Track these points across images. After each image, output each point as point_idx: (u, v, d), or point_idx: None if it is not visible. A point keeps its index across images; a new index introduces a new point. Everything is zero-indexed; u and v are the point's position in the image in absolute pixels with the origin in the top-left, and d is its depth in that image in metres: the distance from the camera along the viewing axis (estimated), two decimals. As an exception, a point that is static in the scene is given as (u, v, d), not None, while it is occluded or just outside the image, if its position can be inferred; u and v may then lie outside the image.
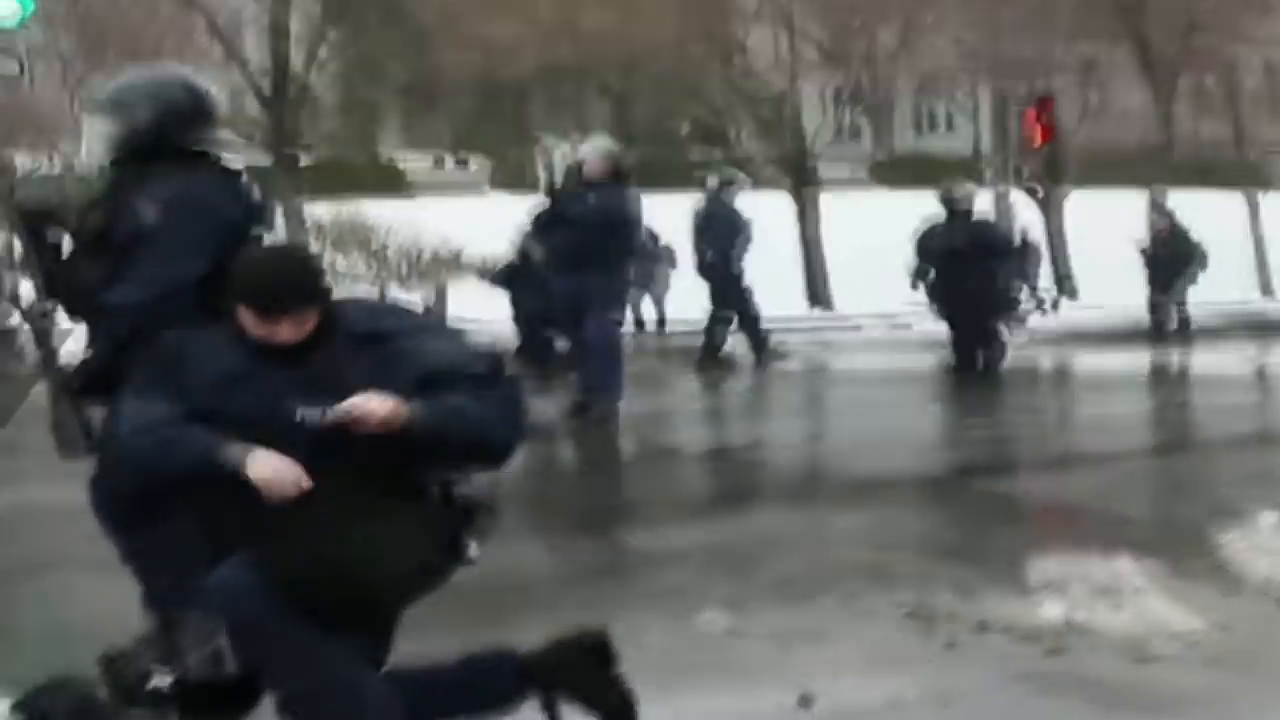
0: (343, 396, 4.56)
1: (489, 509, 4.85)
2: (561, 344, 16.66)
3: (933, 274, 19.24)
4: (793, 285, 31.66)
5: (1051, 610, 6.86)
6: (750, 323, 20.66)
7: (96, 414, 5.91)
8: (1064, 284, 33.81)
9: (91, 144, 6.24)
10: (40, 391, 6.24)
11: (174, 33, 31.35)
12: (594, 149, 14.56)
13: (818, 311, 31.35)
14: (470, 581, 7.09)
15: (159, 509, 5.86)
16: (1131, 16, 32.31)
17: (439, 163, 51.08)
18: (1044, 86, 31.28)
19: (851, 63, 35.21)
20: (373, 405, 4.52)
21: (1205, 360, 21.50)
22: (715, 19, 34.16)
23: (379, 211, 30.41)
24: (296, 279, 4.75)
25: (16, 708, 5.04)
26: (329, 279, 4.88)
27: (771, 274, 25.36)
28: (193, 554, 5.29)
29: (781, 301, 27.79)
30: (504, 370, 4.78)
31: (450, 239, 28.94)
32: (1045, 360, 21.94)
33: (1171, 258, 25.92)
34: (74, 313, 6.21)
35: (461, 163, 51.33)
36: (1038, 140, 29.49)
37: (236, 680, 5.11)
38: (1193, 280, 26.17)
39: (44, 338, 6.19)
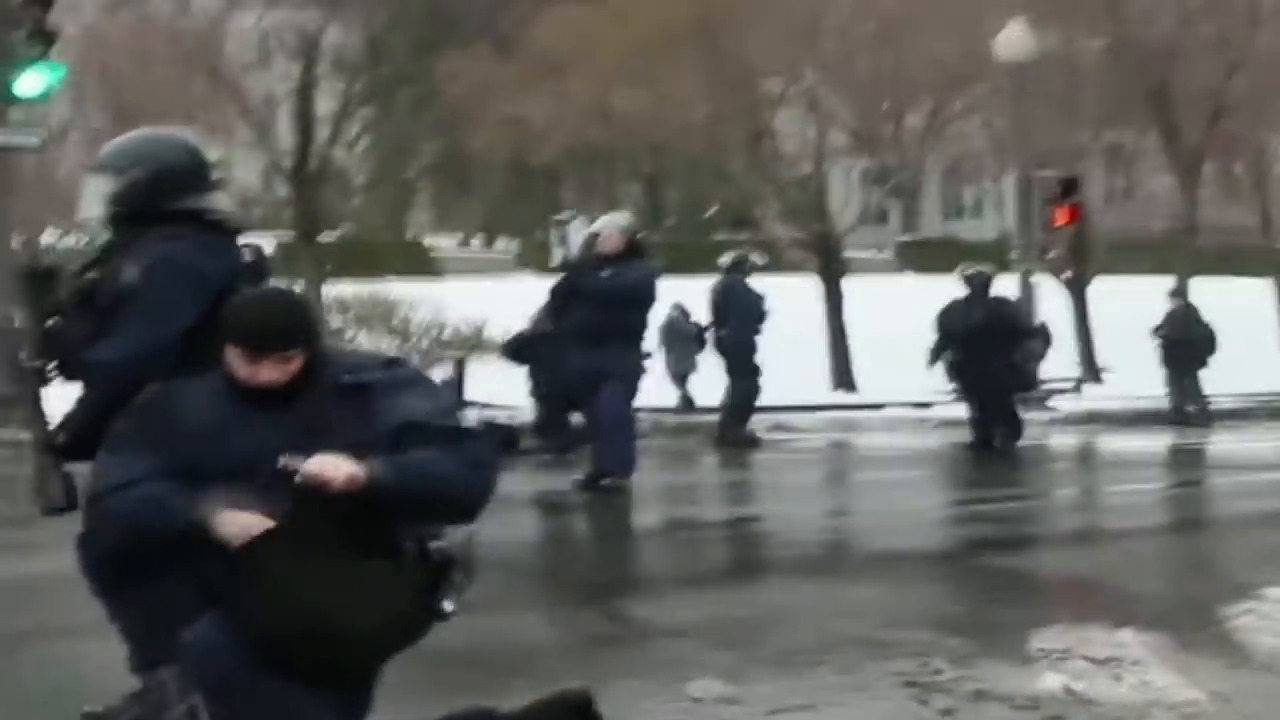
0: (327, 445, 4.56)
1: (465, 565, 4.81)
2: (578, 419, 16.64)
3: (951, 353, 19.29)
4: (818, 368, 31.66)
5: (1051, 680, 6.79)
6: (741, 403, 20.78)
7: (81, 473, 5.92)
8: (1090, 369, 33.75)
9: (90, 203, 6.26)
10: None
11: (205, 109, 31.51)
12: (609, 223, 14.59)
13: (841, 394, 31.28)
14: (466, 648, 7.11)
15: (145, 570, 5.84)
16: (1159, 103, 32.28)
17: (466, 243, 51.36)
18: (1071, 171, 31.26)
19: (880, 145, 35.26)
20: (328, 470, 4.51)
21: (1223, 443, 21.42)
22: (744, 102, 34.27)
23: (404, 290, 30.47)
24: (283, 318, 4.79)
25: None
26: (317, 328, 4.90)
27: (797, 357, 25.45)
28: (178, 615, 5.27)
29: (806, 384, 27.88)
30: (476, 430, 4.78)
31: (473, 317, 28.96)
32: (1064, 440, 21.86)
33: (1184, 340, 25.97)
34: (66, 372, 6.22)
35: (489, 244, 51.62)
36: (1063, 219, 29.41)
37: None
38: (1202, 364, 26.17)
39: (31, 396, 6.19)
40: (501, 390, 22.91)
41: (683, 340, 25.86)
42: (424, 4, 44.02)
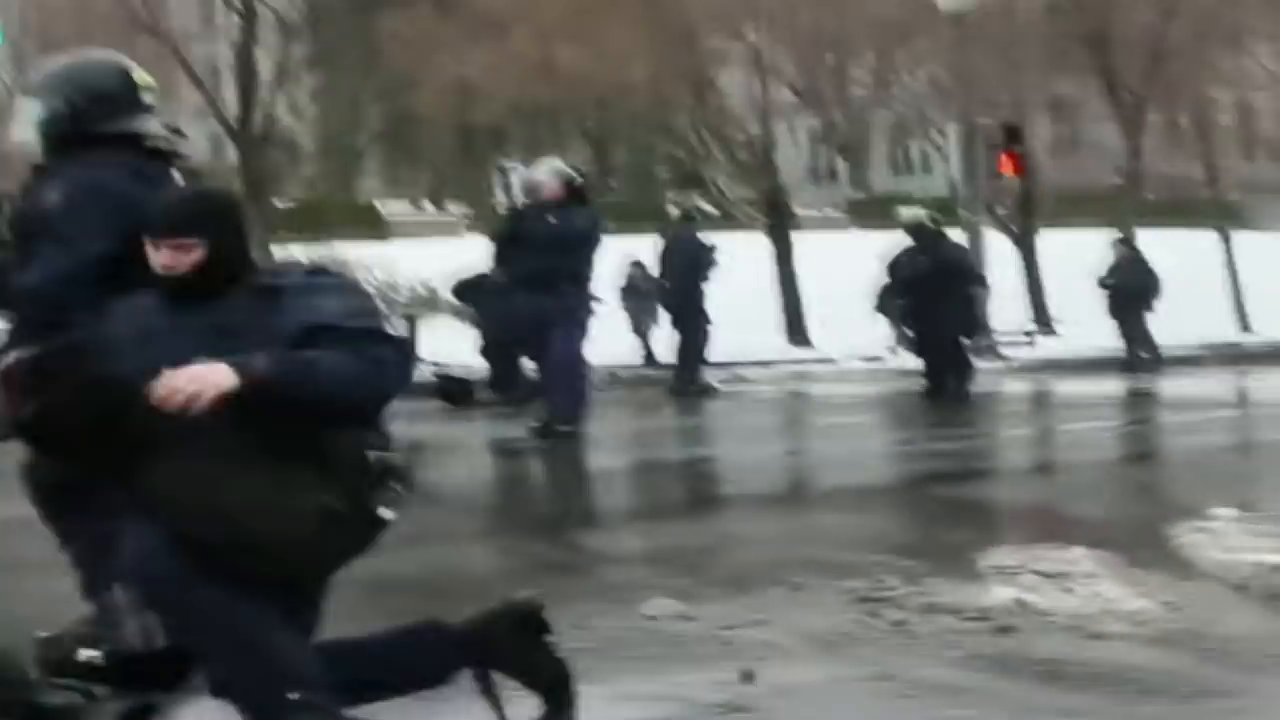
0: (236, 347, 4.53)
1: (404, 474, 4.78)
2: (531, 371, 16.63)
3: (903, 301, 19.38)
4: (771, 325, 31.73)
5: (1001, 593, 6.83)
6: (690, 351, 20.89)
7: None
8: (1042, 321, 33.90)
9: (22, 127, 6.21)
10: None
11: (150, 73, 31.24)
12: (546, 170, 14.56)
13: (795, 349, 31.34)
14: (419, 577, 7.13)
15: (90, 495, 5.82)
16: (1098, 49, 32.35)
17: (417, 206, 51.22)
18: (1015, 121, 31.35)
19: (826, 103, 35.27)
20: (180, 384, 4.48)
21: (1173, 385, 21.57)
22: (686, 59, 34.23)
23: (355, 251, 30.38)
24: (180, 205, 4.86)
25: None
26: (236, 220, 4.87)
27: (750, 314, 25.52)
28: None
29: (760, 340, 27.95)
30: (391, 330, 4.71)
31: (425, 276, 28.92)
32: (1017, 386, 22.00)
33: (1132, 287, 26.17)
34: (2, 302, 6.18)
35: (439, 207, 51.45)
36: (1009, 171, 29.49)
37: (167, 653, 5.06)
38: (1149, 308, 26.40)
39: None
40: (455, 349, 22.90)
41: (642, 296, 26.03)
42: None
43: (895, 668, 5.87)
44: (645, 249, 23.87)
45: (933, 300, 18.89)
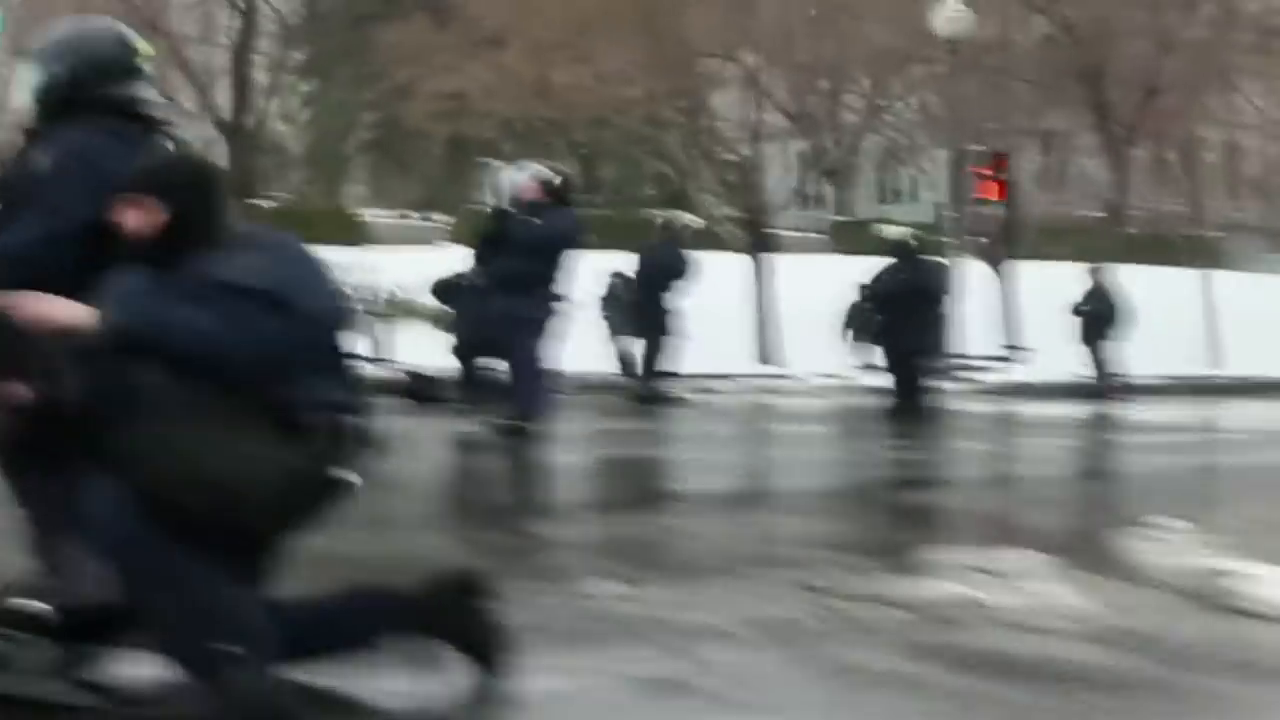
0: None
1: (367, 435, 4.78)
2: (500, 372, 16.63)
3: (878, 316, 19.55)
4: (744, 344, 31.78)
5: (948, 589, 6.83)
6: (651, 360, 20.96)
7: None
8: (1016, 349, 33.95)
9: (21, 94, 6.23)
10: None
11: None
12: (527, 172, 14.59)
13: (764, 366, 31.37)
14: (371, 559, 7.12)
15: (49, 453, 5.82)
16: (1092, 83, 32.47)
17: (402, 216, 51.17)
18: (1003, 149, 31.49)
19: (817, 127, 35.36)
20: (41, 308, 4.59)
21: (1137, 411, 21.70)
22: (682, 80, 34.32)
23: (336, 255, 30.33)
24: (152, 166, 4.93)
25: None
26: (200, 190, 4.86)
27: (724, 332, 25.60)
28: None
29: (731, 358, 28.02)
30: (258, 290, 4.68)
31: (406, 282, 28.93)
32: (983, 406, 22.12)
33: (1102, 314, 26.45)
34: None
35: (426, 219, 51.40)
36: (992, 195, 29.58)
37: (111, 609, 5.06)
38: (1113, 336, 26.65)
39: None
40: (431, 353, 22.90)
41: (623, 307, 26.12)
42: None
43: (837, 654, 5.88)
44: (626, 265, 23.95)
45: (904, 317, 19.05)
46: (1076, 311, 27.04)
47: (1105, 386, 26.17)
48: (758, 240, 33.59)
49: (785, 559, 7.73)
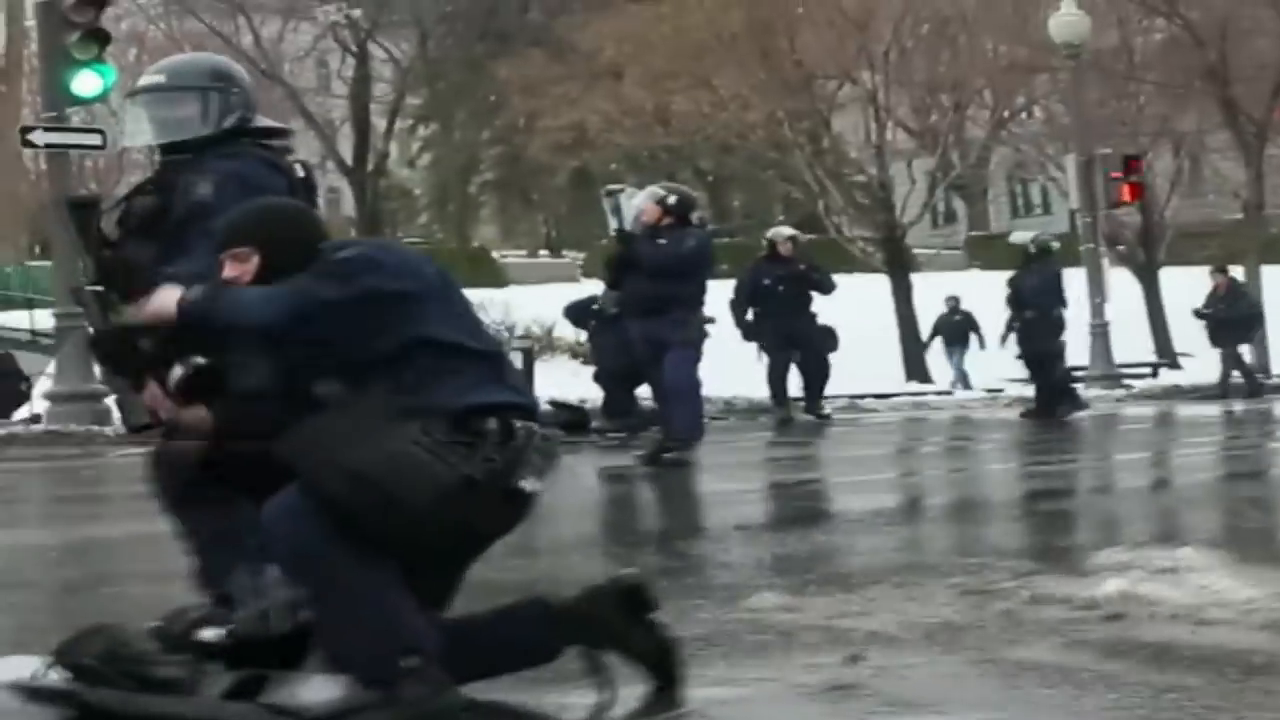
0: None
1: (547, 446, 4.81)
2: (645, 399, 16.72)
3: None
4: (891, 362, 31.81)
5: (1110, 586, 6.75)
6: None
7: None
8: (1166, 355, 33.69)
9: (137, 131, 6.34)
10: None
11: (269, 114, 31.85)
12: (644, 194, 14.66)
13: (914, 385, 31.34)
14: (525, 583, 7.14)
15: (214, 486, 5.92)
16: (1218, 81, 32.06)
17: (533, 255, 51.46)
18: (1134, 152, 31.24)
19: (942, 144, 35.22)
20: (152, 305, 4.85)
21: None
22: (802, 102, 34.32)
23: (471, 294, 30.56)
24: (239, 216, 5.04)
25: (52, 656, 5.04)
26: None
27: (868, 349, 25.56)
28: (245, 529, 5.34)
29: (879, 377, 28.00)
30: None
31: (541, 317, 29.16)
32: (1134, 409, 21.97)
33: (1229, 317, 26.29)
34: (126, 296, 6.29)
35: (556, 254, 51.65)
36: (1126, 197, 29.27)
37: (284, 636, 5.13)
38: (1248, 339, 26.48)
39: (99, 320, 6.26)
40: (570, 385, 23.03)
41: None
42: (476, 17, 44.19)
43: (1000, 652, 5.84)
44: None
45: (1026, 321, 19.30)
46: (1198, 315, 26.92)
47: (1241, 386, 25.99)
48: (894, 258, 33.52)
49: (946, 566, 7.71)
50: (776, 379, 21.24)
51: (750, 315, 20.97)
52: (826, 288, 21.09)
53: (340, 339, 4.71)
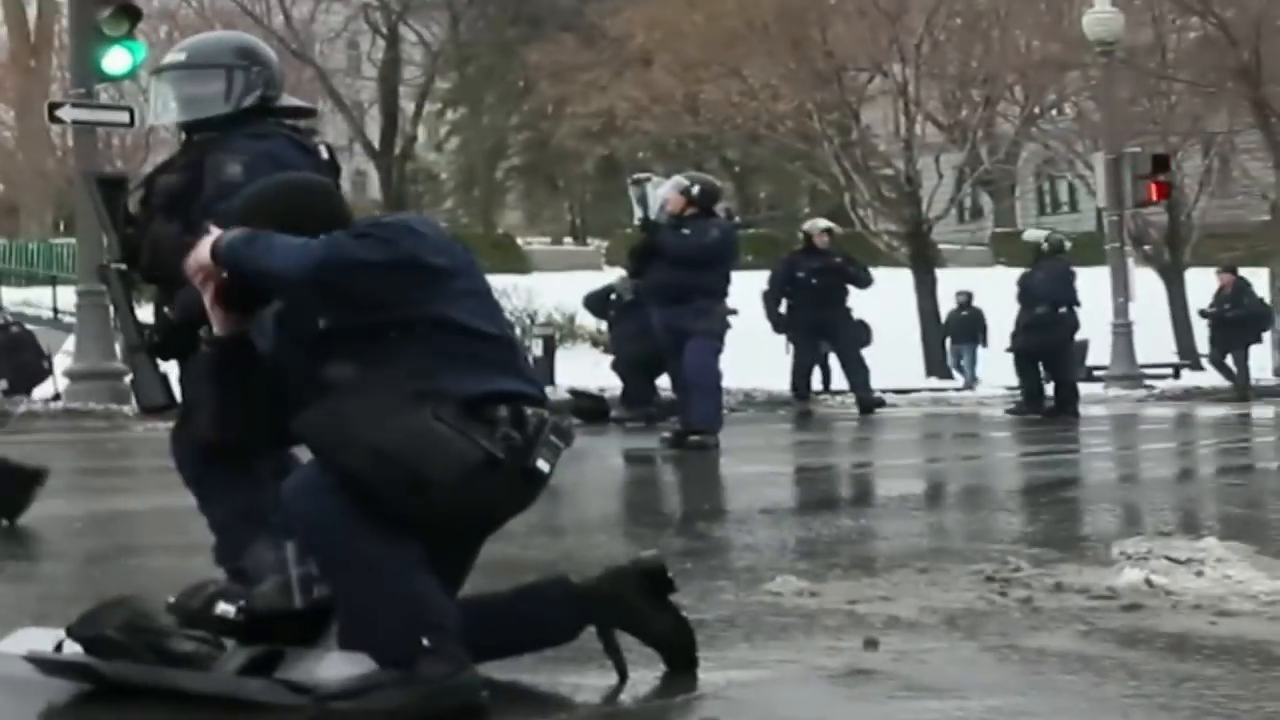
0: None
1: (560, 427, 4.81)
2: (664, 389, 16.76)
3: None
4: (913, 357, 31.77)
5: (1131, 575, 6.75)
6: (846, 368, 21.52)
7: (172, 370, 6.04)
8: (1189, 355, 33.60)
9: (165, 108, 6.35)
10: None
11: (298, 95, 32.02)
12: (670, 184, 14.67)
13: (934, 380, 31.33)
14: (547, 562, 7.16)
15: (234, 460, 5.93)
16: (1250, 81, 31.96)
17: (558, 242, 51.44)
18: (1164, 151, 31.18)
19: (972, 138, 35.17)
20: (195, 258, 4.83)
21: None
22: (831, 94, 34.31)
23: (494, 281, 30.61)
24: (259, 192, 5.04)
25: (73, 627, 5.05)
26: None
27: (890, 344, 25.53)
28: (266, 503, 5.35)
29: (901, 373, 28.00)
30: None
31: (564, 305, 29.19)
32: (1155, 409, 21.99)
33: (1234, 317, 26.34)
34: (150, 275, 6.30)
35: (581, 242, 51.63)
36: (1153, 196, 29.19)
37: (302, 612, 5.13)
38: (1255, 339, 26.54)
39: (122, 298, 6.28)
40: (591, 374, 23.07)
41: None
42: (508, 1, 44.23)
43: (1021, 639, 5.83)
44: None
45: (1035, 318, 20.06)
46: (1204, 314, 27.01)
47: (1241, 389, 26.09)
48: (919, 253, 33.48)
49: (966, 553, 7.70)
50: (800, 371, 21.21)
51: (784, 307, 20.90)
52: (863, 281, 21.03)
53: (367, 301, 4.70)
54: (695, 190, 14.45)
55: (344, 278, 4.65)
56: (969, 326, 33.31)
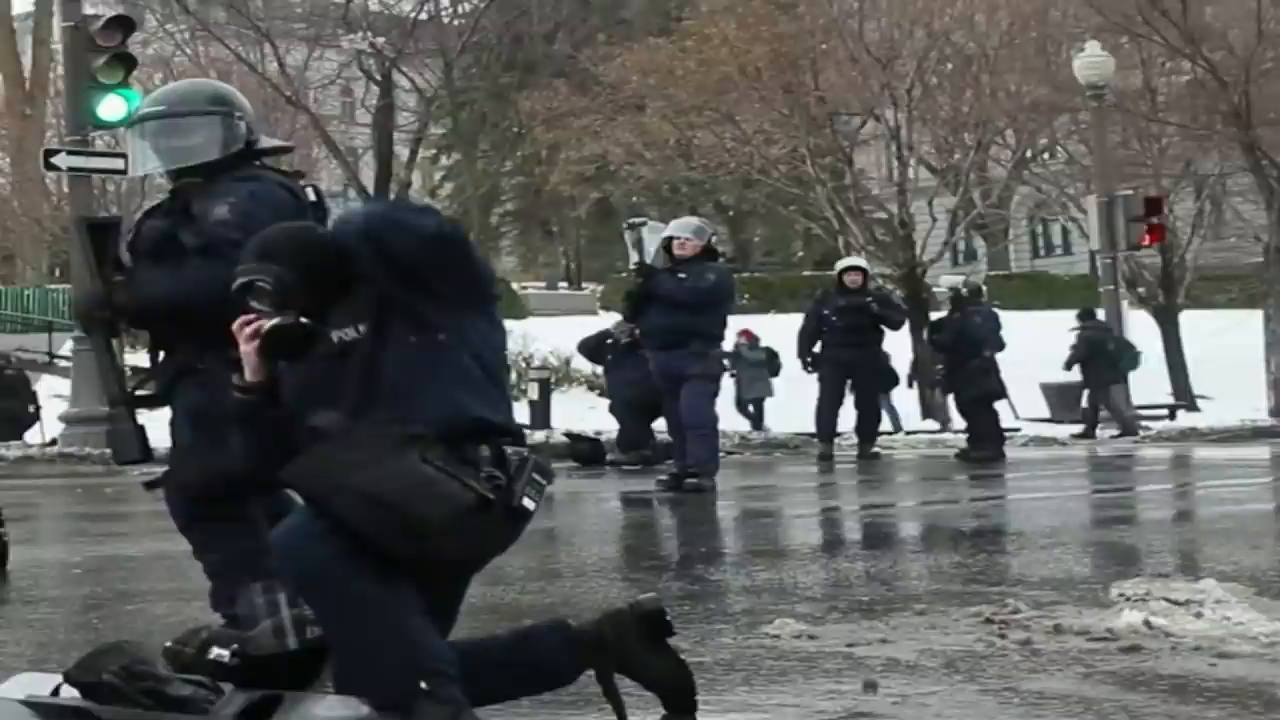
0: None
1: (541, 465, 4.81)
2: (661, 432, 16.77)
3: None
4: (907, 401, 31.76)
5: (1130, 617, 6.75)
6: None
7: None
8: (1185, 396, 33.65)
9: (142, 160, 6.37)
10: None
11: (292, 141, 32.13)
12: (684, 227, 14.70)
13: (928, 424, 31.31)
14: (544, 607, 7.15)
15: (226, 505, 5.94)
16: (1241, 123, 32.03)
17: (553, 285, 51.50)
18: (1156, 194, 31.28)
19: (965, 182, 35.24)
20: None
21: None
22: (825, 138, 34.41)
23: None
24: (253, 245, 4.95)
25: (71, 671, 5.04)
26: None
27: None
28: (260, 547, 5.35)
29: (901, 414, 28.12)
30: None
31: (559, 349, 29.26)
32: (1154, 450, 22.03)
33: (1098, 357, 26.73)
34: (137, 322, 6.31)
35: (577, 287, 51.72)
36: (1146, 240, 29.28)
37: (296, 654, 5.13)
38: (1118, 379, 26.93)
39: (103, 348, 6.29)
40: (587, 417, 23.10)
41: (752, 367, 26.63)
42: (502, 48, 44.33)
43: (1021, 682, 5.83)
44: (782, 326, 24.01)
45: (954, 366, 20.33)
46: (1069, 366, 27.65)
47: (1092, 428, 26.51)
48: (913, 296, 33.49)
49: (965, 595, 7.70)
50: (823, 413, 20.75)
51: (819, 348, 20.63)
52: (892, 322, 20.65)
53: (405, 262, 4.63)
54: (714, 238, 14.60)
55: (390, 232, 4.62)
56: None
